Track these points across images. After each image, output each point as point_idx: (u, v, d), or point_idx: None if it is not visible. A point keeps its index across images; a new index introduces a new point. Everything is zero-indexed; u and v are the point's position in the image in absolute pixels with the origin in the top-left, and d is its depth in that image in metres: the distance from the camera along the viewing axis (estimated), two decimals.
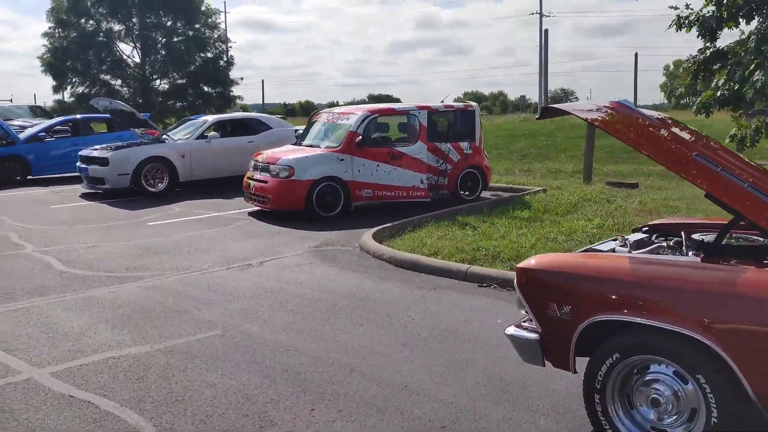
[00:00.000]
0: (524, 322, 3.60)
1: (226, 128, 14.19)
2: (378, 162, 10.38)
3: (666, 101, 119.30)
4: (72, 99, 31.68)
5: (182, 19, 31.61)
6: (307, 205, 10.01)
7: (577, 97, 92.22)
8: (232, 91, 34.10)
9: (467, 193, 11.59)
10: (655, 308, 3.03)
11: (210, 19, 32.73)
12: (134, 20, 31.35)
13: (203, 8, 33.01)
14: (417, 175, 10.56)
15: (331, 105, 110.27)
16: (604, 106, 3.62)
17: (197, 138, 13.49)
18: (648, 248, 3.72)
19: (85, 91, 30.65)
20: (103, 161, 12.66)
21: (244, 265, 7.37)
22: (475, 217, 9.54)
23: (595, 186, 13.10)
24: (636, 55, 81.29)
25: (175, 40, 31.62)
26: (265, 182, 10.26)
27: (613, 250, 3.67)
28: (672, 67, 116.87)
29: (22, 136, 16.26)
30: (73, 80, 31.07)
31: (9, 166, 15.60)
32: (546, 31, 59.41)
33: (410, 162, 10.50)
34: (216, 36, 33.23)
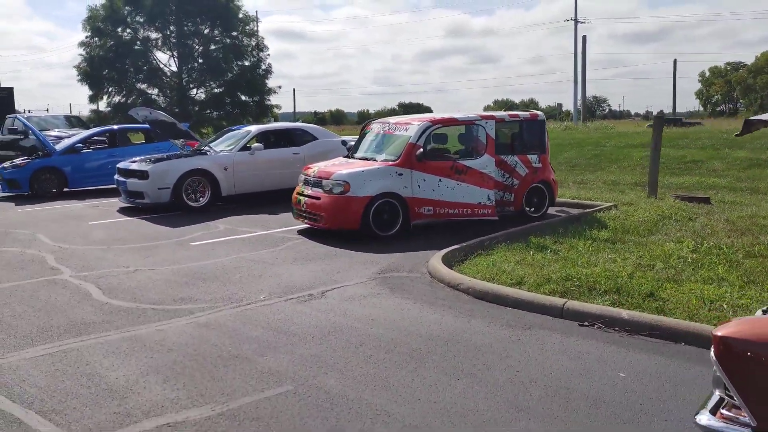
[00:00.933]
0: (725, 408, 2.68)
1: (269, 139, 13.45)
2: (440, 176, 9.50)
3: (701, 108, 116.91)
4: (108, 109, 31.27)
5: (219, 26, 31.00)
6: (363, 224, 9.18)
7: (609, 105, 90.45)
8: (269, 100, 33.44)
9: (533, 209, 10.66)
10: None
11: (247, 27, 32.01)
12: (171, 28, 30.83)
13: (240, 15, 32.39)
14: (483, 191, 9.65)
15: (362, 114, 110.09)
16: None
17: (240, 149, 12.76)
18: None
19: (122, 100, 30.23)
20: (142, 174, 11.99)
21: (305, 295, 6.54)
22: (550, 238, 8.62)
23: (665, 200, 12.07)
24: (675, 61, 79.36)
25: (212, 48, 31.06)
26: (318, 198, 9.46)
27: None
28: (708, 74, 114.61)
29: (58, 147, 15.72)
30: (110, 90, 30.66)
31: (45, 178, 15.06)
32: (584, 37, 58.25)
33: (476, 177, 9.60)
34: (253, 44, 32.55)
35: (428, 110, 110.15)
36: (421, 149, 9.45)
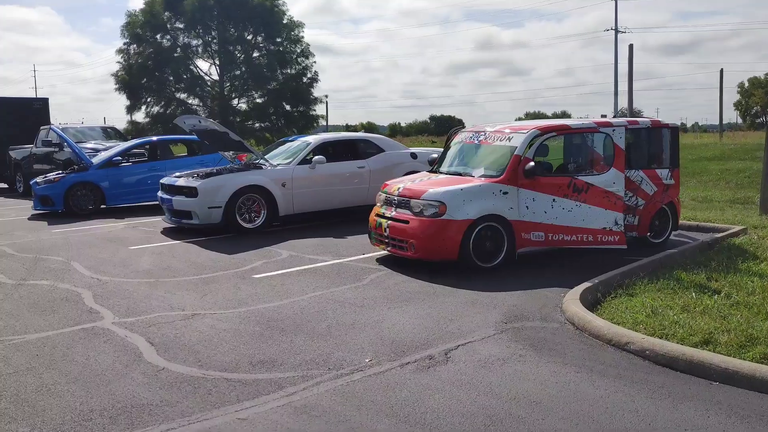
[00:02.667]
0: None
1: (329, 151, 11.88)
2: (553, 196, 7.81)
3: (740, 120, 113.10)
4: (147, 119, 29.83)
5: (263, 32, 29.40)
6: (462, 254, 7.54)
7: (644, 117, 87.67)
8: (314, 110, 31.68)
9: (652, 234, 8.90)
10: None
11: (293, 33, 30.30)
12: (213, 34, 29.27)
13: (285, 21, 30.57)
14: (610, 213, 7.91)
15: (393, 127, 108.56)
16: None
17: (299, 163, 11.21)
18: None
19: (160, 110, 28.81)
20: (190, 191, 10.49)
21: (423, 358, 4.89)
22: (701, 274, 6.88)
23: None
24: (721, 71, 76.25)
25: (256, 55, 29.50)
26: (405, 222, 7.83)
27: None
28: (747, 84, 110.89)
29: (95, 160, 14.36)
30: (148, 99, 29.23)
31: (81, 194, 13.69)
32: (631, 46, 55.96)
33: (600, 196, 7.88)
34: (299, 50, 30.99)
35: (460, 123, 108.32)
36: (531, 163, 7.77)
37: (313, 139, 11.86)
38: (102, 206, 13.93)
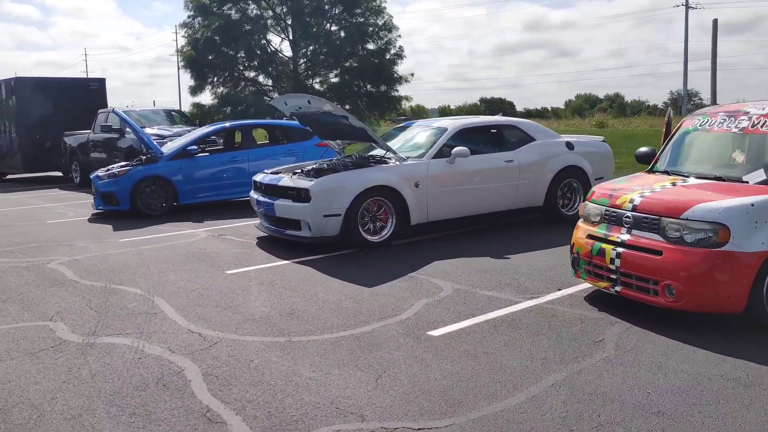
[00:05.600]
0: None
1: (466, 140, 9.21)
2: None
3: None
4: (215, 100, 26.88)
5: (341, 3, 26.62)
6: (752, 306, 4.86)
7: (701, 99, 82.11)
8: (397, 90, 28.43)
9: None
10: None
11: (374, 2, 27.06)
12: (288, 4, 26.19)
13: None
14: None
15: (443, 110, 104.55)
16: None
17: (435, 156, 8.62)
18: None
19: (229, 91, 26.08)
20: (299, 194, 8.00)
21: None
22: None
23: None
24: None
25: (333, 28, 26.52)
26: (655, 252, 5.16)
27: None
28: None
29: (165, 149, 12.03)
30: (214, 79, 26.53)
31: (151, 191, 11.39)
32: (715, 21, 51.78)
33: None
34: (381, 23, 27.44)
35: (511, 105, 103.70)
36: None
37: (449, 123, 9.21)
38: (174, 203, 11.61)
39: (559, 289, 6.21)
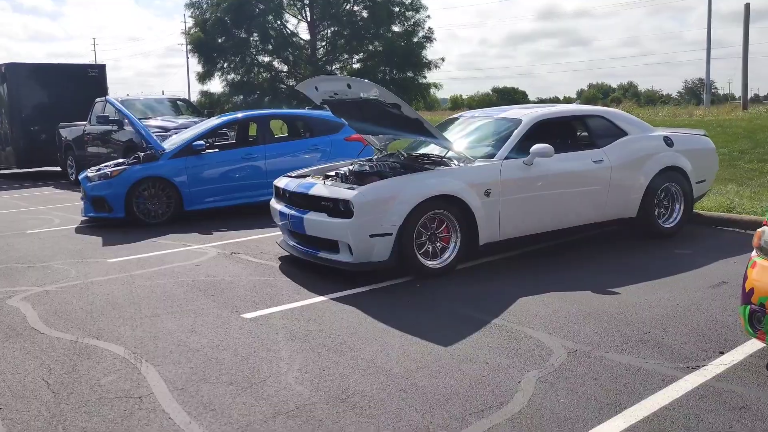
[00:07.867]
0: None
1: (544, 135, 7.26)
2: None
3: None
4: (225, 88, 24.76)
5: None
6: None
7: (717, 88, 79.50)
8: (424, 77, 25.77)
9: None
10: None
11: None
12: None
13: None
14: None
15: (454, 99, 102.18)
16: None
17: (508, 156, 6.70)
18: None
19: (240, 78, 23.94)
20: (337, 206, 6.12)
21: None
22: None
23: None
24: None
25: (356, 8, 24.22)
26: None
27: None
28: None
29: (167, 145, 10.18)
30: (224, 65, 24.35)
31: (149, 194, 9.55)
32: (747, 5, 49.52)
33: None
34: (408, 2, 24.56)
35: (524, 95, 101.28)
36: None
37: (522, 114, 7.28)
38: (178, 211, 9.77)
39: (722, 353, 4.32)
